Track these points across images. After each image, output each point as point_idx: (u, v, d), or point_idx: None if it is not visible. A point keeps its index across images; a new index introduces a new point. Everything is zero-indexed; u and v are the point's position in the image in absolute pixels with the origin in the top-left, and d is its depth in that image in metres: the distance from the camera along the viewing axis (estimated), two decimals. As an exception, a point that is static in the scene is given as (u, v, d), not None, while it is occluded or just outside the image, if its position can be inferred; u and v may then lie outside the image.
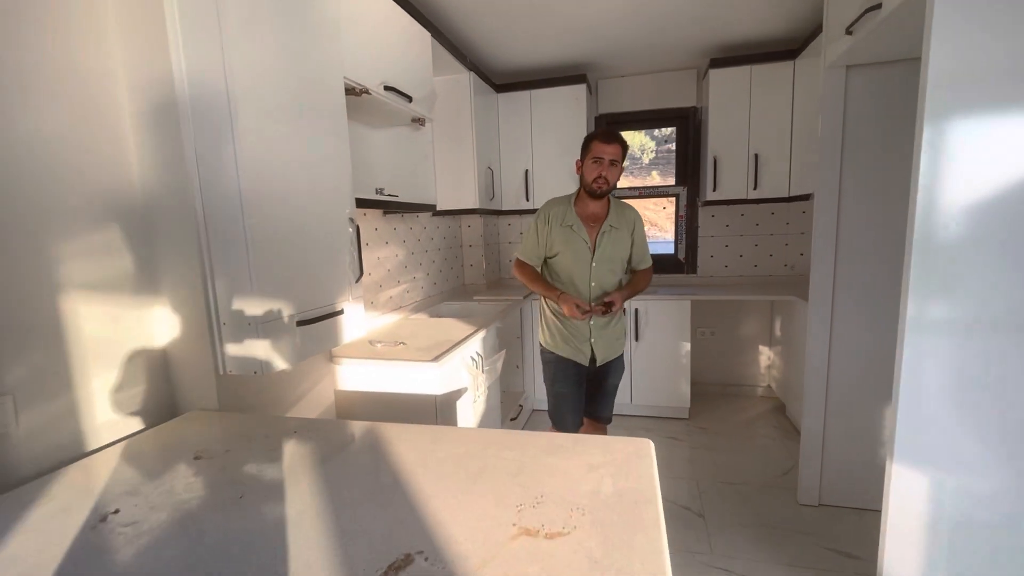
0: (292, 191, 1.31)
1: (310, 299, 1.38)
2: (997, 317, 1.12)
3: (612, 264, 1.88)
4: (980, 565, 1.21)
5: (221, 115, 1.13)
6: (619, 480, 0.86)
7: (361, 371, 1.79)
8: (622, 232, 1.89)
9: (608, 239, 1.86)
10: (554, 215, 1.89)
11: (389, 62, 1.89)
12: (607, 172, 1.77)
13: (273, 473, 0.95)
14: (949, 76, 1.10)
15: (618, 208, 1.91)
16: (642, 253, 1.96)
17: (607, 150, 1.76)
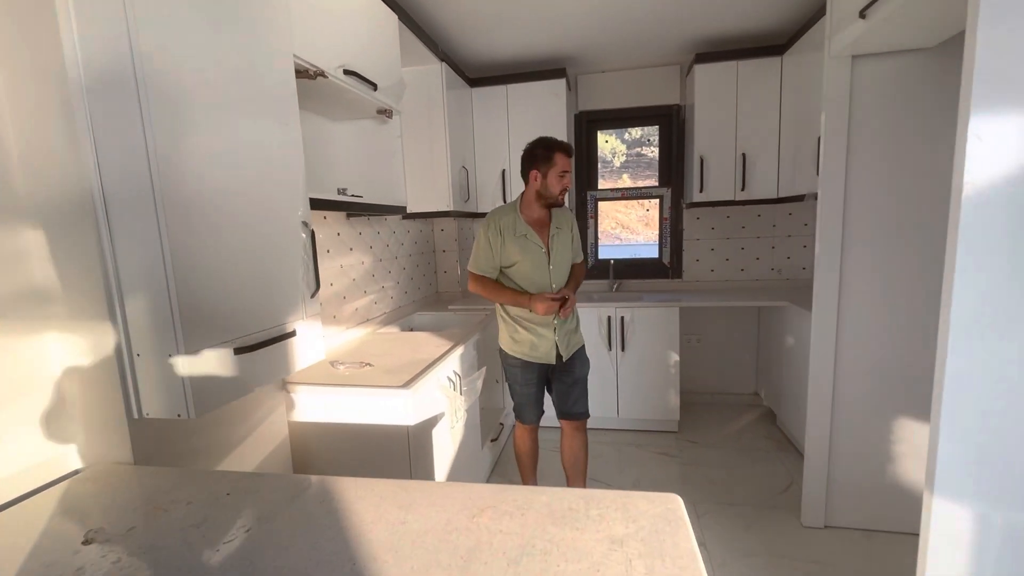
0: (228, 189, 1.06)
1: (253, 320, 1.14)
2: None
3: (564, 265, 1.98)
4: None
5: (126, 98, 0.88)
6: (653, 560, 0.65)
7: (320, 400, 1.55)
8: (565, 233, 1.98)
9: (557, 242, 1.95)
10: (505, 226, 1.90)
11: (350, 44, 1.65)
12: (568, 182, 1.89)
13: (189, 570, 0.71)
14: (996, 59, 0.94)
15: (557, 211, 1.98)
16: (578, 249, 2.09)
17: (569, 163, 1.88)
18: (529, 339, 1.93)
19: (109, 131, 0.90)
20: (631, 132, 3.56)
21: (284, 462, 1.58)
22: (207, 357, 1.00)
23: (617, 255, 3.47)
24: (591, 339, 2.88)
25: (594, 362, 2.90)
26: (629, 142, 3.75)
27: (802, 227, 3.14)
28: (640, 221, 4.15)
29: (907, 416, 1.85)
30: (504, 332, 2.00)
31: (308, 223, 1.33)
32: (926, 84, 1.67)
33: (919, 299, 1.76)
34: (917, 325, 1.77)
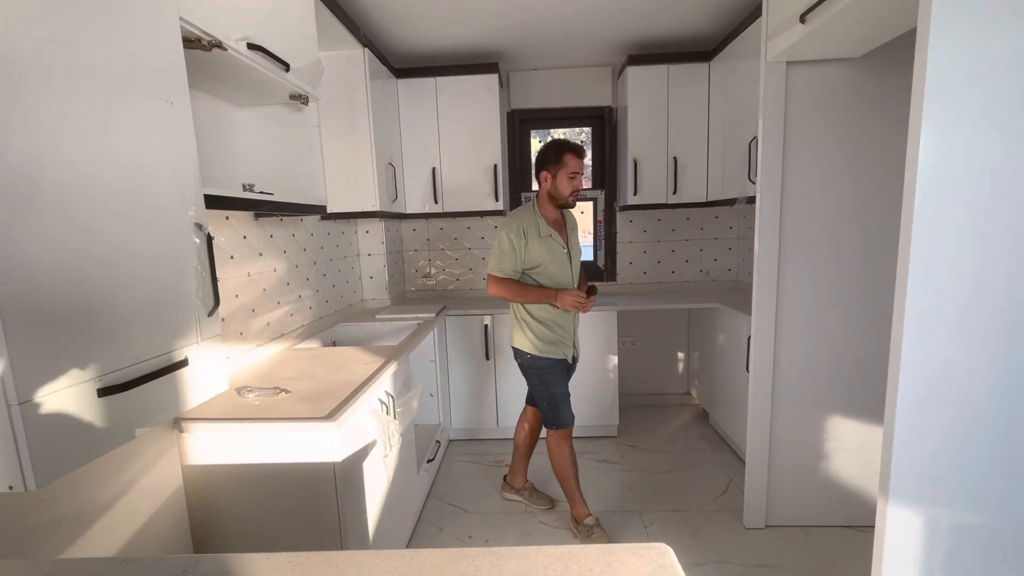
0: (88, 183, 0.81)
1: (127, 349, 0.88)
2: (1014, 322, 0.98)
3: (579, 263, 2.06)
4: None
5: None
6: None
7: (225, 438, 1.28)
8: (575, 233, 2.08)
9: (573, 241, 2.04)
10: (528, 228, 1.91)
11: (256, 15, 1.40)
12: (580, 183, 1.94)
13: None
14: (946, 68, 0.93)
15: (567, 212, 2.07)
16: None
17: (581, 164, 1.90)
18: (555, 337, 1.98)
19: None
20: (554, 133, 3.50)
21: (177, 521, 1.30)
22: (56, 402, 0.75)
23: (552, 258, 3.40)
24: (530, 346, 2.78)
25: (533, 370, 2.80)
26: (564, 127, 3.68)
27: (727, 230, 3.25)
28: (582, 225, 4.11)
29: (839, 414, 1.91)
30: (526, 334, 2.00)
31: (203, 225, 1.08)
32: (852, 91, 1.73)
33: (854, 299, 1.83)
34: (852, 324, 1.84)
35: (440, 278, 3.37)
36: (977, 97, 0.93)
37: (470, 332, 2.79)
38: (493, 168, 2.90)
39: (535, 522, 2.14)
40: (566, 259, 1.98)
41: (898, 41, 1.54)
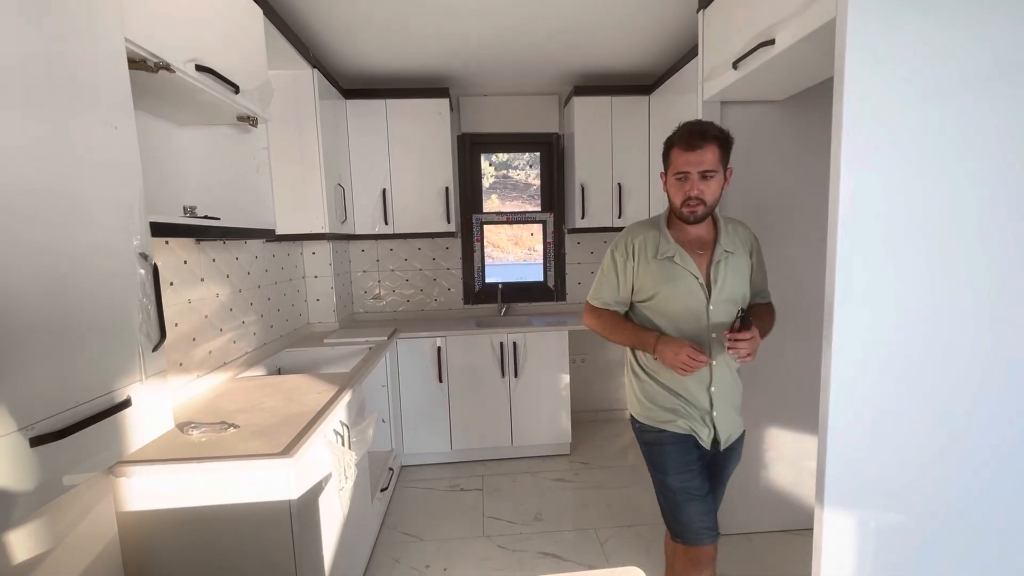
0: (26, 214, 0.75)
1: (63, 392, 0.82)
2: (925, 334, 1.12)
3: (733, 304, 1.34)
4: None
5: None
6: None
7: (166, 480, 1.19)
8: (739, 258, 1.36)
9: (726, 270, 1.34)
10: (641, 245, 1.37)
11: (204, 35, 1.36)
12: (700, 189, 1.27)
13: None
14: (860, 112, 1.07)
15: (729, 226, 1.39)
16: (763, 283, 1.45)
17: (691, 159, 1.26)
18: (671, 401, 1.37)
19: None
20: (498, 156, 3.58)
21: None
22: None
23: (504, 278, 3.44)
24: (485, 366, 2.79)
25: (489, 391, 2.81)
26: (497, 164, 3.77)
27: (668, 251, 3.43)
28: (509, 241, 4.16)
29: (777, 426, 2.06)
30: (632, 389, 1.47)
31: (148, 256, 1.03)
32: (779, 129, 1.92)
33: (787, 319, 1.97)
34: (783, 344, 1.99)
35: (390, 299, 3.31)
36: (887, 136, 1.07)
37: (422, 355, 2.75)
38: (445, 190, 2.91)
39: (493, 547, 2.12)
40: (699, 292, 1.33)
41: (818, 87, 1.72)
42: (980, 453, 1.17)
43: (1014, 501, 1.20)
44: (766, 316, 1.43)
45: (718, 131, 1.29)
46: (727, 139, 1.30)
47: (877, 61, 1.06)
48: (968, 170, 1.10)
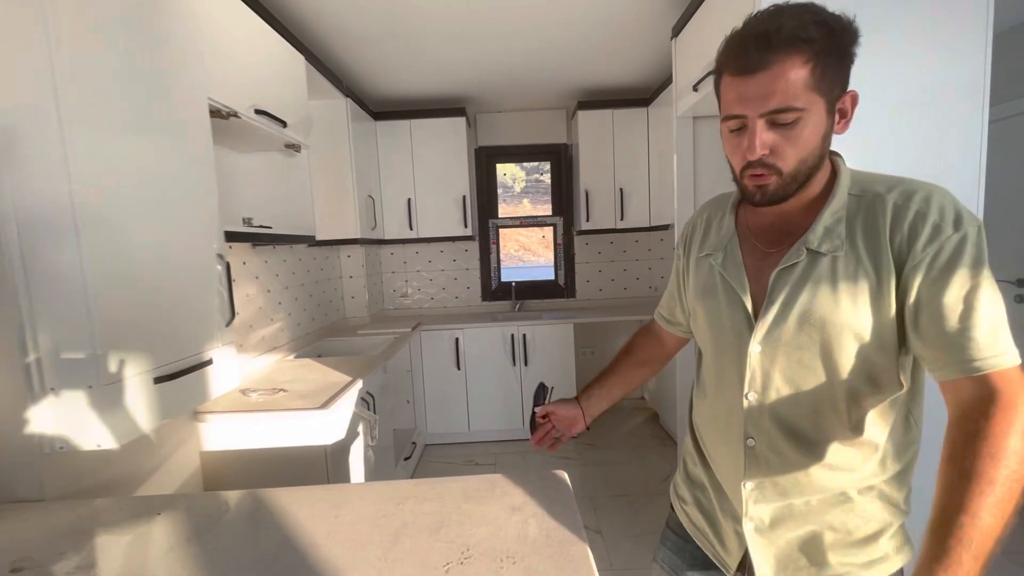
0: (148, 225, 1.12)
1: (171, 350, 1.18)
2: None
3: (813, 355, 0.69)
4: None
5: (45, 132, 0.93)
6: (543, 520, 0.85)
7: (235, 427, 1.57)
8: (858, 263, 0.66)
9: (800, 284, 0.70)
10: (695, 231, 0.91)
11: (260, 84, 1.74)
12: (768, 145, 0.65)
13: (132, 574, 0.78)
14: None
15: (863, 203, 0.69)
16: (954, 325, 0.61)
17: (750, 90, 0.64)
18: (690, 483, 0.91)
19: (31, 169, 0.94)
20: (515, 167, 3.89)
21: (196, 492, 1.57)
22: (127, 387, 1.04)
23: (518, 277, 3.75)
24: (497, 355, 3.10)
25: (500, 378, 3.12)
26: (528, 169, 4.10)
27: (671, 250, 3.65)
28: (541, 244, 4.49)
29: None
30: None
31: (223, 256, 1.40)
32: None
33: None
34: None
35: (416, 297, 3.68)
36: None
37: (442, 345, 3.10)
38: (462, 198, 3.26)
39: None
40: (741, 323, 0.75)
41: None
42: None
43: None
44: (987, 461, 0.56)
45: (809, 23, 0.62)
46: (832, 35, 0.63)
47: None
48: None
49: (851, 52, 0.66)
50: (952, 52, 1.37)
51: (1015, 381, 0.59)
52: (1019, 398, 0.58)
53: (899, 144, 1.40)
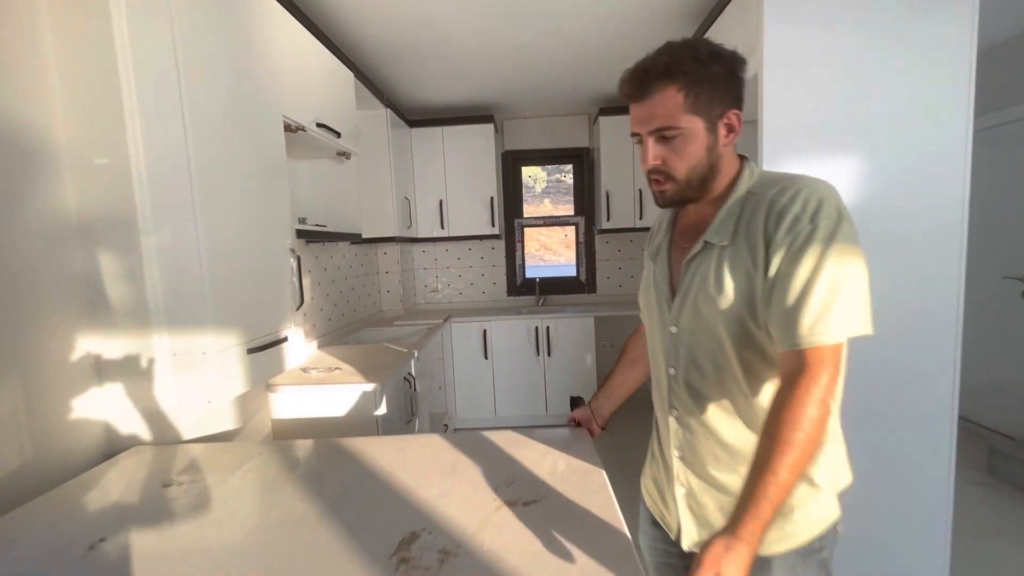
0: (241, 217, 1.36)
1: (259, 327, 1.43)
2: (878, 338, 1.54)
3: (710, 333, 0.81)
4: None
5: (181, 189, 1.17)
6: (570, 460, 1.06)
7: (299, 398, 1.82)
8: (738, 253, 0.78)
9: (698, 270, 0.83)
10: (654, 232, 1.02)
11: (319, 100, 1.98)
12: (658, 157, 0.80)
13: (256, 488, 1.01)
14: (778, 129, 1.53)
15: (751, 198, 0.80)
16: (787, 305, 0.71)
17: (640, 114, 0.80)
18: (652, 466, 1.05)
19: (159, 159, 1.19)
20: (539, 170, 4.09)
21: (265, 455, 1.82)
22: (229, 356, 1.29)
23: (542, 274, 3.96)
24: (522, 346, 3.31)
25: (524, 367, 3.33)
26: (549, 169, 4.30)
27: (690, 249, 3.81)
28: (561, 244, 4.69)
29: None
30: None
31: (295, 250, 1.64)
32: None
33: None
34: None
35: (445, 291, 3.92)
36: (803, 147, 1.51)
37: (471, 336, 3.33)
38: (490, 200, 3.48)
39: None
40: (664, 306, 0.89)
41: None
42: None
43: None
44: (785, 417, 0.68)
45: (675, 61, 0.75)
46: (700, 70, 0.75)
47: (786, 102, 1.51)
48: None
49: (733, 77, 0.78)
50: (938, 71, 1.53)
51: (826, 358, 0.68)
52: (823, 372, 0.68)
53: (894, 154, 1.56)
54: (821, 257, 0.70)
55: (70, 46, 1.14)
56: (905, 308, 1.60)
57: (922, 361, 1.62)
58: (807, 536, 0.81)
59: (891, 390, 1.63)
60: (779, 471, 0.65)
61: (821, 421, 0.67)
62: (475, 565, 0.72)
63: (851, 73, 1.54)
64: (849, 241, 0.71)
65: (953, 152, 1.55)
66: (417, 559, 0.74)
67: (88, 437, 1.20)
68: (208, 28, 1.26)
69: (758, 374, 0.79)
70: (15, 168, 1.06)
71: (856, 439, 1.60)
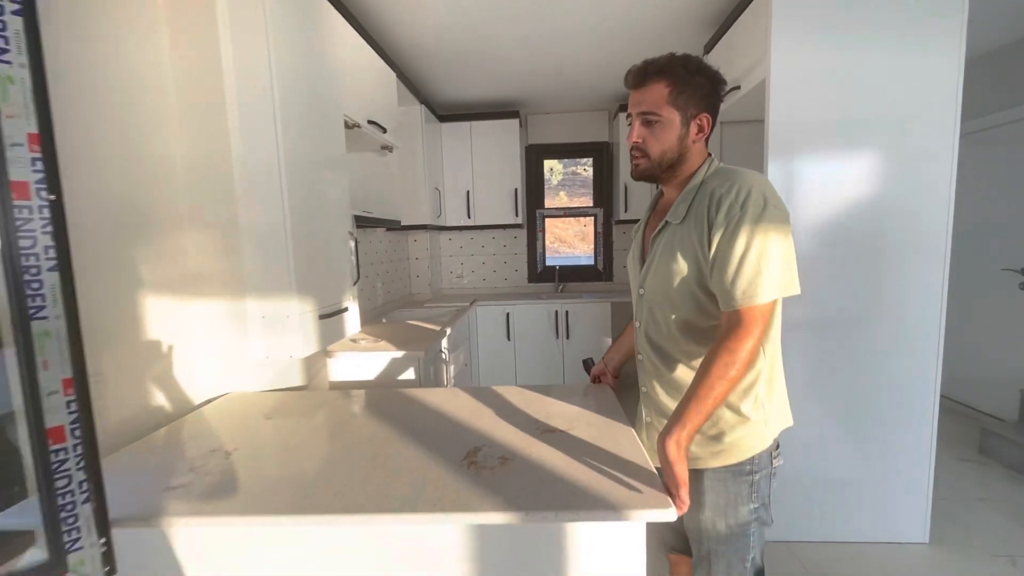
0: (315, 200, 1.60)
1: (328, 297, 1.67)
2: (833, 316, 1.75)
3: (664, 295, 1.04)
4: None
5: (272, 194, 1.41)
6: (598, 408, 1.29)
7: (354, 363, 2.07)
8: (687, 231, 0.99)
9: (659, 244, 1.05)
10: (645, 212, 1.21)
11: (370, 99, 2.22)
12: (640, 135, 1.01)
13: (339, 421, 1.26)
14: (782, 129, 1.72)
15: (702, 186, 1.00)
16: (726, 275, 0.92)
17: (634, 99, 1.01)
18: (638, 406, 1.28)
19: (254, 144, 1.43)
20: (560, 164, 4.27)
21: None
22: (306, 320, 1.53)
23: (561, 263, 4.17)
24: (542, 329, 3.54)
25: (544, 349, 3.55)
26: (565, 162, 4.48)
27: (703, 240, 3.99)
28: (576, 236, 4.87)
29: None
30: None
31: (353, 233, 1.88)
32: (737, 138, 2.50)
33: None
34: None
35: (470, 278, 4.16)
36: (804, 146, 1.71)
37: (494, 319, 3.56)
38: (514, 191, 3.69)
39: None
40: (636, 269, 1.15)
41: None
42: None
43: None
44: (717, 357, 0.89)
45: (669, 64, 0.97)
46: (687, 75, 0.96)
47: (792, 108, 1.71)
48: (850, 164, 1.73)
49: (712, 90, 0.99)
50: (929, 79, 1.71)
51: (757, 315, 0.89)
52: (755, 327, 0.89)
53: (887, 153, 1.75)
54: (750, 236, 0.90)
55: (186, 70, 1.39)
56: (894, 296, 1.79)
57: (911, 343, 1.81)
58: (736, 458, 1.02)
59: (882, 371, 1.83)
60: (708, 392, 0.88)
61: (746, 363, 0.89)
62: (528, 466, 0.95)
63: (849, 81, 1.73)
64: (773, 221, 0.91)
65: (941, 153, 1.73)
66: (482, 463, 0.97)
67: (193, 385, 1.45)
68: (293, 44, 1.50)
69: (697, 328, 1.02)
70: (147, 174, 1.31)
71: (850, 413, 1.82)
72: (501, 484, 0.88)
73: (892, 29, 1.70)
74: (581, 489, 0.86)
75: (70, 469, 0.74)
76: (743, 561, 1.05)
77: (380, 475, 0.94)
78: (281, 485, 0.92)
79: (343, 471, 0.97)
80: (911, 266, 1.78)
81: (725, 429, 1.02)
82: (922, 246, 1.77)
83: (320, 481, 0.93)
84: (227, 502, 0.87)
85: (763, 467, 1.03)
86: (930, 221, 1.76)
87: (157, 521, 0.83)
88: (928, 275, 1.78)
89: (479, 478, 0.91)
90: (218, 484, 0.93)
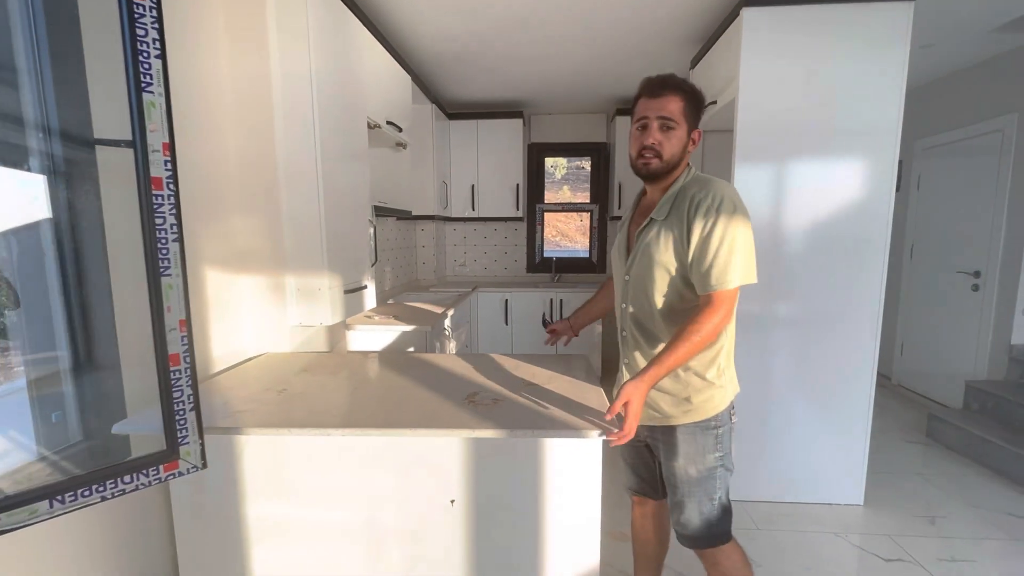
0: (342, 197, 1.88)
1: (351, 275, 1.95)
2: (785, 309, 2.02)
3: (646, 281, 1.23)
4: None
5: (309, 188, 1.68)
6: (573, 373, 1.57)
7: (368, 335, 2.35)
8: (669, 227, 1.18)
9: (644, 239, 1.23)
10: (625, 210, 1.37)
11: (388, 101, 2.48)
12: (657, 138, 1.16)
13: (361, 377, 1.55)
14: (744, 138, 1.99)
15: (683, 189, 1.19)
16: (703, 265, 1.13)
17: (652, 105, 1.16)
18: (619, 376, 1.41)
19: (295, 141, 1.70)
20: (561, 162, 4.53)
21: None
22: (333, 293, 1.81)
23: (558, 255, 4.44)
24: (538, 315, 3.81)
25: (540, 333, 3.82)
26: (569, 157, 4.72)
27: (692, 237, 4.26)
28: (577, 231, 5.13)
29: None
30: None
31: (372, 221, 2.16)
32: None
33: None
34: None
35: (472, 266, 4.44)
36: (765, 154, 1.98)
37: (494, 304, 3.84)
38: (516, 186, 3.96)
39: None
40: (622, 264, 1.32)
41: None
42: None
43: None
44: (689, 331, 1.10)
45: (684, 83, 1.17)
46: (695, 94, 1.18)
47: (756, 122, 1.97)
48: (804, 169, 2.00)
49: (702, 110, 1.20)
50: (872, 103, 1.97)
51: (725, 298, 1.10)
52: (723, 306, 1.10)
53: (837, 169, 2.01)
54: (723, 234, 1.11)
55: (241, 77, 1.66)
56: (840, 289, 2.07)
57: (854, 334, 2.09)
58: (703, 415, 1.23)
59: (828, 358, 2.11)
60: (675, 353, 1.10)
61: (711, 334, 1.11)
62: (515, 405, 1.24)
63: (807, 99, 1.99)
64: (741, 223, 1.12)
65: (885, 166, 2.00)
66: (479, 401, 1.26)
67: (242, 342, 1.74)
68: (329, 53, 1.76)
69: (673, 307, 1.22)
70: (210, 168, 1.58)
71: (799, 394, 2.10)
72: (494, 415, 1.17)
73: (846, 57, 1.96)
74: (554, 419, 1.14)
75: (182, 385, 1.03)
76: (711, 500, 1.25)
77: (401, 407, 1.22)
78: (325, 412, 1.21)
79: (372, 404, 1.25)
80: (855, 265, 2.05)
81: (692, 393, 1.22)
82: (865, 248, 2.04)
83: (355, 410, 1.22)
84: (287, 419, 1.15)
85: (724, 423, 1.25)
86: (872, 225, 2.03)
87: (237, 430, 1.12)
88: (870, 271, 2.05)
89: (476, 411, 1.19)
90: (276, 410, 1.22)
